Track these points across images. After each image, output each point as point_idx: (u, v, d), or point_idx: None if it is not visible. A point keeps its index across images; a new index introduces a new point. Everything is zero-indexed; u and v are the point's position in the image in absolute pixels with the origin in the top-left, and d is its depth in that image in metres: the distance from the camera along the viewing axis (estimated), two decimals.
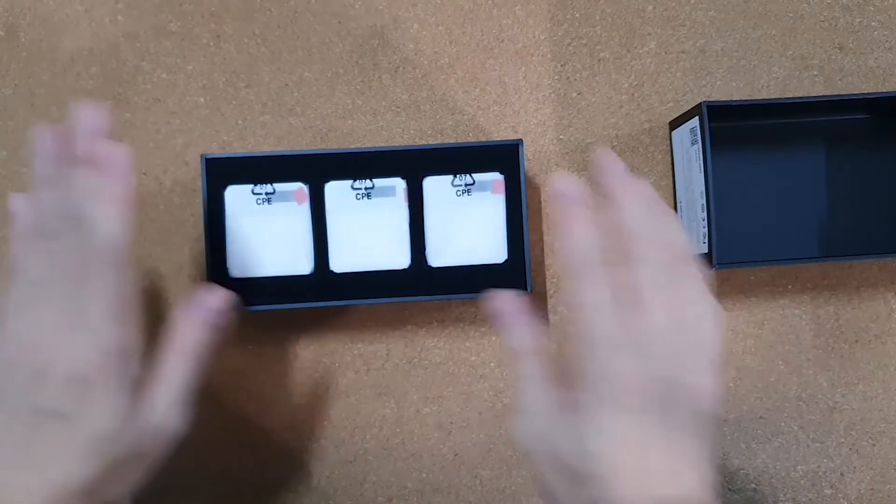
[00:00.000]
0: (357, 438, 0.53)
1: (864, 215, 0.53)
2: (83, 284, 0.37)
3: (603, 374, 0.35)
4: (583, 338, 0.36)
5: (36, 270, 0.38)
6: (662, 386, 0.35)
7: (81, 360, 0.37)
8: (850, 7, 0.54)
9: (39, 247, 0.38)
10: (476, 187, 0.48)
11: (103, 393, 0.37)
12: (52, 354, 0.36)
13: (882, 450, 0.54)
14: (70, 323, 0.37)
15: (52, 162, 0.40)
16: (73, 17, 0.53)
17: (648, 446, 0.35)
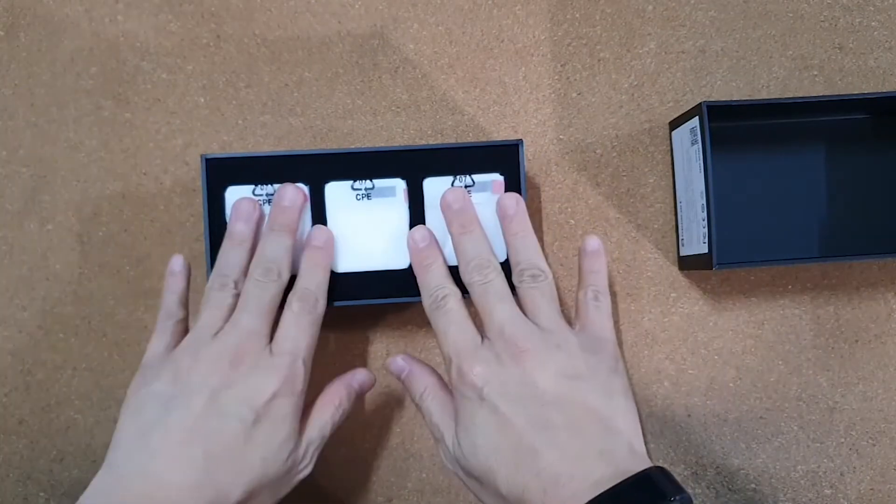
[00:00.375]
0: (357, 438, 0.53)
1: (864, 215, 0.53)
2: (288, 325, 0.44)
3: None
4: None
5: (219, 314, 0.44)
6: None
7: (277, 383, 0.42)
8: (850, 7, 0.54)
9: (254, 283, 0.44)
10: (476, 188, 0.48)
11: (285, 418, 0.42)
12: (254, 373, 0.42)
13: (882, 450, 0.54)
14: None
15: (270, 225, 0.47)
16: (73, 17, 0.53)
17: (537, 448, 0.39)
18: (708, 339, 0.54)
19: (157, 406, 0.41)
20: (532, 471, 0.39)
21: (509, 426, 0.40)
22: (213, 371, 0.41)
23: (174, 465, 0.39)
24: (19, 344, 0.52)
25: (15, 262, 0.52)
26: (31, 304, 0.52)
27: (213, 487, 0.39)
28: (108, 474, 0.39)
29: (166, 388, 0.41)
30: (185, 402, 0.40)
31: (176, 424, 0.39)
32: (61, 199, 0.53)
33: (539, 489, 0.38)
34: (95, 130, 0.53)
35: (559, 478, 0.38)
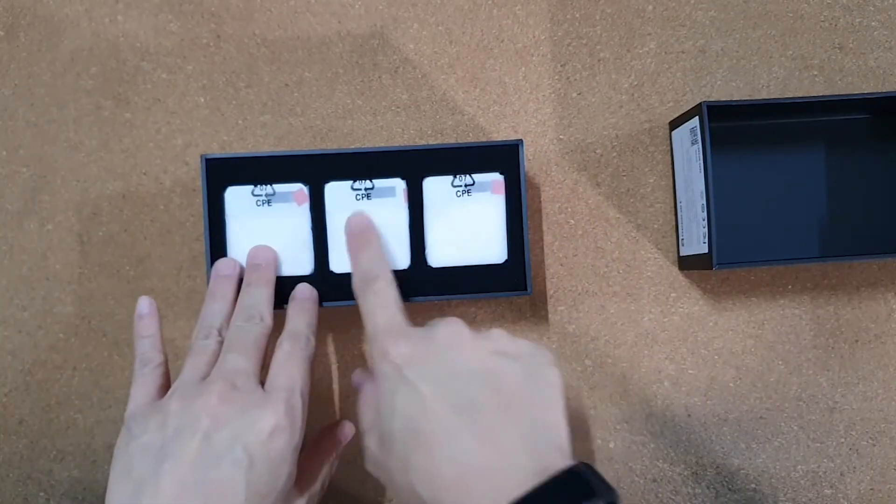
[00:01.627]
0: (357, 438, 0.53)
1: (864, 215, 0.53)
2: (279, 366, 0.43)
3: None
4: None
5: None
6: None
7: (274, 419, 0.39)
8: (850, 7, 0.54)
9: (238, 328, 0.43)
10: (476, 187, 0.48)
11: (284, 458, 0.39)
12: (247, 409, 0.39)
13: (882, 450, 0.54)
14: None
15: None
16: (73, 17, 0.53)
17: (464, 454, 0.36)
18: (708, 339, 0.54)
19: (146, 460, 0.38)
20: (448, 458, 0.35)
21: (429, 407, 0.36)
22: (202, 412, 0.38)
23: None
24: (19, 344, 0.52)
25: (15, 262, 0.52)
26: (31, 304, 0.52)
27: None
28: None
29: (154, 439, 0.39)
30: (175, 452, 0.38)
31: (168, 479, 0.37)
32: (61, 199, 0.53)
33: (452, 481, 0.35)
34: (95, 130, 0.53)
35: (477, 471, 0.35)
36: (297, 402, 0.41)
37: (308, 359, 0.43)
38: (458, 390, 0.37)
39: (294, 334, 0.44)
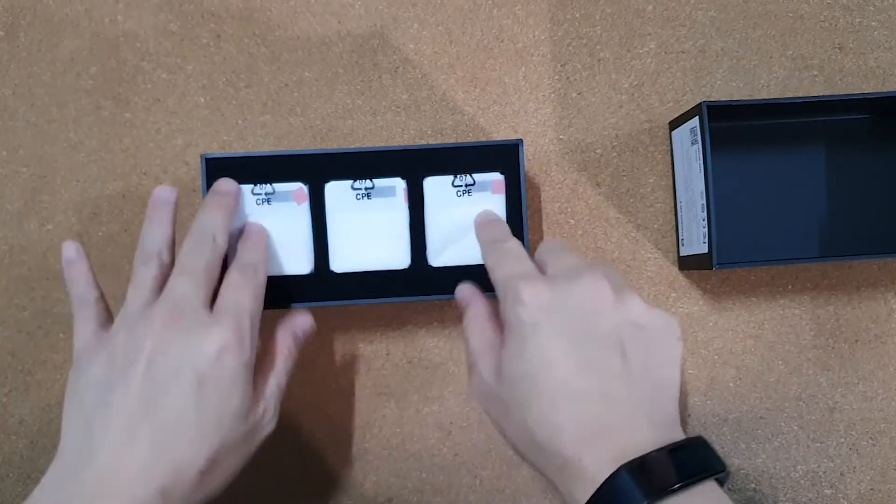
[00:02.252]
0: (357, 438, 0.53)
1: (864, 215, 0.53)
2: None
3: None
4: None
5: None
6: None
7: (221, 338, 0.38)
8: (850, 7, 0.54)
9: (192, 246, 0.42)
10: (476, 187, 0.48)
11: (236, 379, 0.39)
12: (193, 331, 0.39)
13: (882, 450, 0.54)
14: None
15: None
16: (73, 17, 0.53)
17: (585, 400, 0.36)
18: (708, 339, 0.54)
19: (96, 393, 0.38)
20: (574, 415, 0.36)
21: (560, 362, 0.37)
22: (147, 338, 0.38)
23: (123, 449, 0.36)
24: (19, 344, 0.52)
25: (15, 262, 0.52)
26: (31, 304, 0.52)
27: (169, 463, 0.37)
28: (57, 469, 0.38)
29: (102, 371, 0.39)
30: (122, 380, 0.37)
31: (117, 406, 0.37)
32: (61, 199, 0.53)
33: (575, 435, 0.35)
34: (95, 130, 0.53)
35: (601, 430, 0.35)
36: (246, 323, 0.40)
37: (258, 287, 0.42)
38: (590, 352, 0.37)
39: (243, 264, 0.43)
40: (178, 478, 0.37)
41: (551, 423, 0.36)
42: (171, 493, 0.37)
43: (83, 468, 0.37)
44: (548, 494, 0.53)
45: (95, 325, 0.42)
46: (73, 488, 0.36)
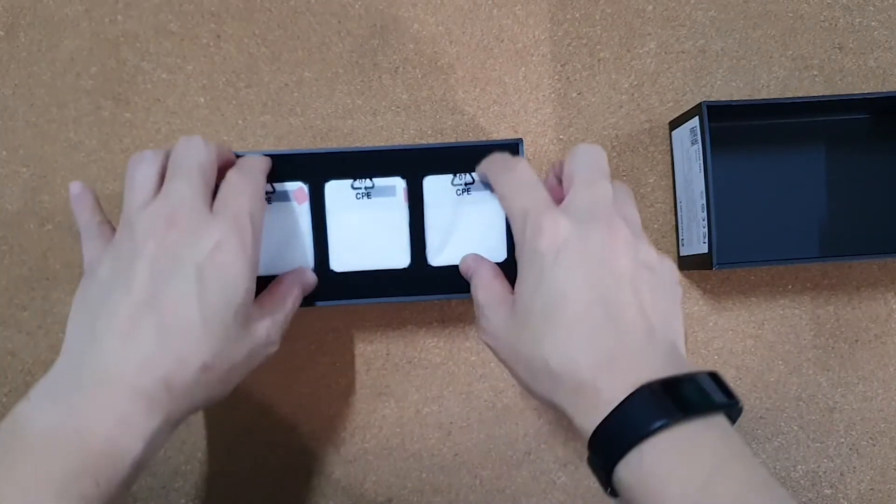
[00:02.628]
0: (357, 438, 0.53)
1: (864, 215, 0.53)
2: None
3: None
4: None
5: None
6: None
7: (220, 233, 0.38)
8: (850, 7, 0.54)
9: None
10: (476, 186, 0.48)
11: (236, 275, 0.39)
12: (193, 228, 0.39)
13: (882, 450, 0.54)
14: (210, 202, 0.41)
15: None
16: (73, 17, 0.53)
17: (599, 331, 0.37)
18: (708, 339, 0.54)
19: (100, 291, 0.38)
20: (589, 344, 0.36)
21: (578, 293, 0.37)
22: (147, 238, 0.38)
23: (125, 342, 0.36)
24: (19, 344, 0.52)
25: (15, 262, 0.52)
26: (30, 303, 0.52)
27: (172, 353, 0.37)
28: (60, 364, 0.38)
29: (107, 273, 0.39)
30: (126, 279, 0.37)
31: (120, 302, 0.37)
32: (61, 199, 0.53)
33: (591, 362, 0.36)
34: (95, 130, 0.53)
35: (617, 357, 0.36)
36: (245, 221, 0.40)
37: (257, 186, 0.42)
38: (608, 287, 0.37)
39: (242, 166, 0.43)
40: (181, 369, 0.37)
41: (567, 352, 0.37)
42: (174, 384, 0.37)
43: (85, 358, 0.37)
44: (548, 494, 0.53)
45: (100, 241, 0.42)
46: (74, 379, 0.36)
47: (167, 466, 0.53)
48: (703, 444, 0.34)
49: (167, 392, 0.36)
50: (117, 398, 0.36)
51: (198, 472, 0.53)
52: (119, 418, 0.35)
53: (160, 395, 0.36)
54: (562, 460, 0.54)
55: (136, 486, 0.53)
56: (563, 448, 0.54)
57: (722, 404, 0.35)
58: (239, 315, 0.39)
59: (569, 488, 0.54)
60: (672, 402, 0.34)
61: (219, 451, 0.53)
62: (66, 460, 0.34)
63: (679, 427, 0.33)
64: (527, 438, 0.54)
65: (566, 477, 0.54)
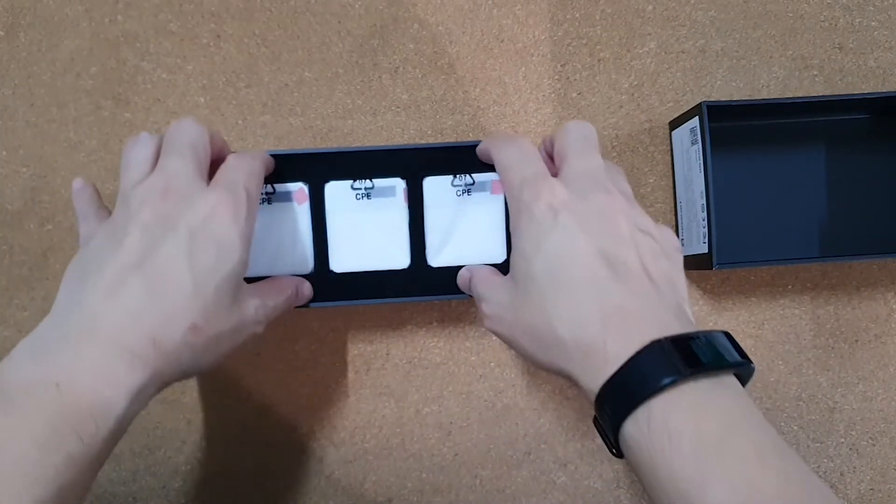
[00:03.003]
0: (357, 438, 0.53)
1: (864, 215, 0.53)
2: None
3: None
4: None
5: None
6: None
7: (214, 199, 0.39)
8: (850, 7, 0.54)
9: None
10: (476, 187, 0.48)
11: (231, 241, 0.39)
12: (187, 197, 0.39)
13: (882, 450, 0.54)
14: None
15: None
16: (73, 17, 0.53)
17: (606, 297, 0.36)
18: None
19: (93, 255, 0.38)
20: (596, 303, 0.36)
21: (581, 253, 0.37)
22: (143, 206, 0.38)
23: (111, 298, 0.36)
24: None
25: (15, 262, 0.52)
26: (30, 303, 0.52)
27: (160, 311, 0.36)
28: (46, 322, 0.37)
29: (100, 242, 0.39)
30: (117, 245, 0.38)
31: (111, 262, 0.37)
32: (61, 199, 0.53)
33: (598, 322, 0.35)
34: (95, 130, 0.53)
35: (626, 314, 0.35)
36: (241, 193, 0.40)
37: (254, 166, 0.42)
38: (610, 245, 0.37)
39: (241, 153, 0.43)
40: (169, 327, 0.37)
41: (573, 315, 0.36)
42: (161, 341, 0.36)
43: (70, 315, 0.37)
44: (547, 494, 0.54)
45: (97, 221, 0.43)
46: (58, 335, 0.36)
47: (167, 466, 0.53)
48: (715, 404, 0.33)
49: (154, 349, 0.36)
50: (101, 352, 0.35)
51: (198, 472, 0.53)
52: (103, 372, 0.35)
53: (147, 352, 0.36)
54: (562, 460, 0.54)
55: (137, 486, 0.53)
56: (563, 448, 0.54)
57: (734, 363, 0.34)
58: (230, 283, 0.39)
59: (569, 488, 0.54)
60: (682, 359, 0.33)
61: (219, 451, 0.53)
62: (49, 415, 0.33)
63: (689, 384, 0.33)
64: (527, 438, 0.54)
65: (566, 477, 0.54)
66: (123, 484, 0.53)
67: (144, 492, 0.53)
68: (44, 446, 0.32)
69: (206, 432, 0.53)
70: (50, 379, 0.34)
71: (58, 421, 0.33)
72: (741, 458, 0.31)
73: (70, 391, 0.34)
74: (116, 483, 0.53)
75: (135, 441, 0.53)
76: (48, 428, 0.33)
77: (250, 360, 0.53)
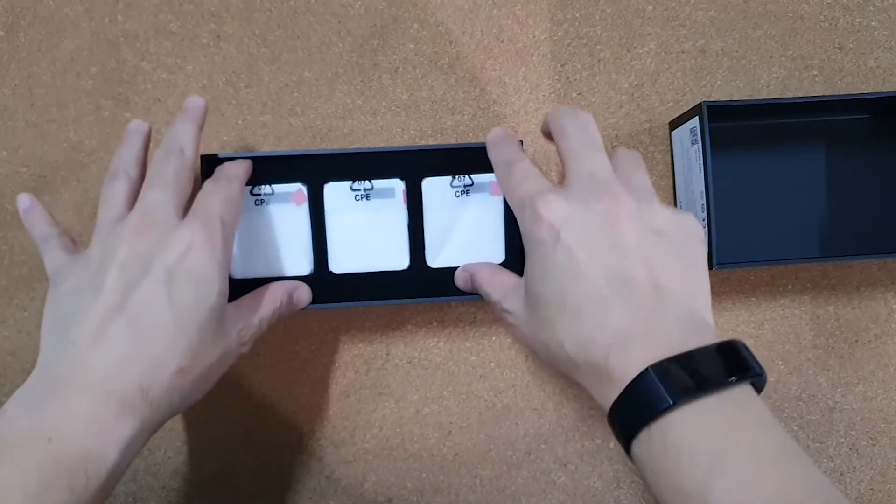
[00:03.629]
0: (357, 438, 0.53)
1: (864, 215, 0.53)
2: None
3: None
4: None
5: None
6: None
7: (189, 235, 0.39)
8: (850, 7, 0.54)
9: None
10: (475, 188, 0.48)
11: (208, 276, 0.39)
12: (163, 233, 0.39)
13: (882, 450, 0.54)
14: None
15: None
16: (73, 17, 0.53)
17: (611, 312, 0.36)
18: None
19: (70, 299, 0.39)
20: (598, 323, 0.36)
21: (583, 274, 0.37)
22: (119, 245, 0.38)
23: (97, 345, 0.36)
24: (19, 344, 0.52)
25: (15, 262, 0.53)
26: (30, 304, 0.52)
27: (146, 358, 0.37)
28: (35, 373, 0.38)
29: (77, 281, 0.39)
30: (97, 285, 0.38)
31: (92, 307, 0.37)
32: (61, 199, 0.53)
33: (603, 342, 0.36)
34: (95, 130, 0.53)
35: (629, 335, 0.35)
36: (216, 225, 0.40)
37: (232, 193, 0.42)
38: (615, 262, 0.37)
39: (218, 176, 0.43)
40: (156, 374, 0.37)
41: (580, 335, 0.36)
42: (150, 390, 0.36)
43: (57, 365, 0.37)
44: (547, 494, 0.54)
45: (63, 252, 0.43)
46: (47, 386, 0.36)
47: (167, 466, 0.53)
48: (717, 419, 0.33)
49: (142, 396, 0.36)
50: (90, 402, 0.35)
51: (198, 472, 0.53)
52: (92, 423, 0.35)
53: (135, 400, 0.36)
54: (562, 460, 0.54)
55: (136, 486, 0.53)
56: (563, 448, 0.54)
57: (733, 379, 0.34)
58: (212, 317, 0.39)
59: (569, 488, 0.54)
60: (680, 380, 0.33)
61: (219, 451, 0.53)
62: (41, 468, 0.33)
63: (690, 405, 0.33)
64: (527, 438, 0.54)
65: (566, 477, 0.54)
66: (123, 484, 0.53)
67: (144, 492, 0.53)
68: (34, 496, 0.33)
69: (206, 432, 0.53)
70: (41, 433, 0.34)
71: (49, 473, 0.33)
72: (739, 473, 0.31)
73: (61, 443, 0.34)
74: None
75: None
76: (39, 478, 0.33)
77: (250, 360, 0.53)
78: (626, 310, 0.36)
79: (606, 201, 0.38)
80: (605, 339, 0.36)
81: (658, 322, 0.36)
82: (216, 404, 0.53)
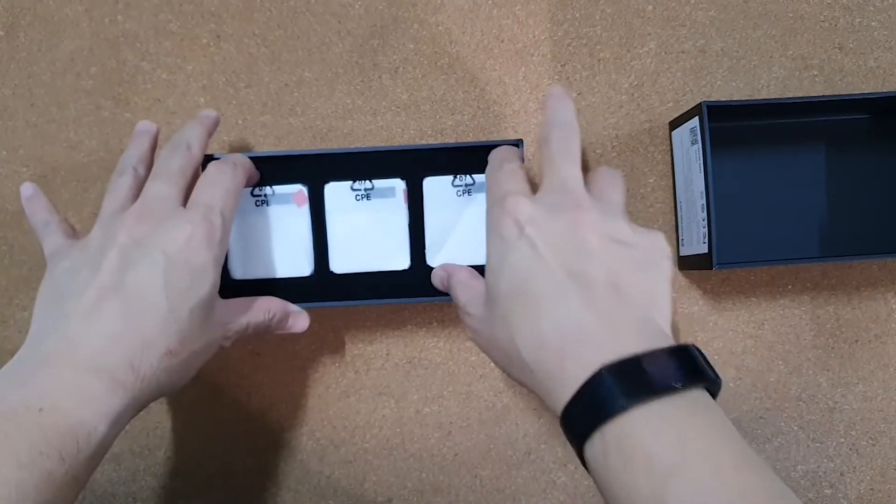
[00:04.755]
0: (357, 438, 0.53)
1: (864, 215, 0.53)
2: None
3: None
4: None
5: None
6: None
7: (190, 228, 0.40)
8: (850, 7, 0.54)
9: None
10: (476, 188, 0.48)
11: (205, 266, 0.40)
12: (164, 222, 0.40)
13: (882, 450, 0.54)
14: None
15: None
16: (73, 17, 0.53)
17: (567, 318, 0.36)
18: (708, 339, 0.54)
19: (68, 278, 0.39)
20: (554, 322, 0.35)
21: (544, 265, 0.36)
22: (120, 230, 0.39)
23: (90, 321, 0.37)
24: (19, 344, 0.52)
25: (15, 262, 0.52)
26: (30, 304, 0.52)
27: (137, 337, 0.37)
28: (25, 348, 0.38)
29: (75, 261, 0.40)
30: (94, 265, 0.38)
31: (88, 285, 0.38)
32: (61, 200, 0.53)
33: (557, 343, 0.35)
34: (95, 130, 0.53)
35: (584, 332, 0.35)
36: (216, 219, 0.41)
37: (234, 183, 0.43)
38: (575, 260, 0.37)
39: (222, 162, 0.44)
40: (146, 353, 0.37)
41: (534, 336, 0.36)
42: (140, 368, 0.37)
43: (49, 339, 0.37)
44: (547, 494, 0.54)
45: (63, 236, 0.43)
46: (38, 359, 0.37)
47: (167, 466, 0.53)
48: (670, 424, 0.32)
49: (133, 373, 0.37)
50: (82, 375, 0.36)
51: (198, 472, 0.53)
52: (84, 395, 0.35)
53: (125, 377, 0.37)
54: (562, 460, 0.54)
55: (137, 487, 0.53)
56: (563, 448, 0.54)
57: (695, 381, 0.33)
58: (203, 306, 0.40)
59: (569, 488, 0.54)
60: (634, 383, 0.33)
61: (219, 451, 0.53)
62: (31, 436, 0.34)
63: (642, 407, 0.32)
64: (527, 438, 0.54)
65: (566, 477, 0.54)
66: (123, 484, 0.53)
67: (144, 492, 0.53)
68: (24, 464, 0.33)
69: (206, 432, 0.53)
70: (32, 403, 0.34)
71: (40, 442, 0.34)
72: (697, 480, 0.31)
73: (52, 414, 0.34)
74: (116, 483, 0.53)
75: (135, 441, 0.53)
76: (31, 450, 0.33)
77: (250, 360, 0.53)
78: (583, 305, 0.35)
79: (572, 211, 0.38)
80: (560, 339, 0.35)
81: (614, 322, 0.35)
82: (216, 404, 0.53)
